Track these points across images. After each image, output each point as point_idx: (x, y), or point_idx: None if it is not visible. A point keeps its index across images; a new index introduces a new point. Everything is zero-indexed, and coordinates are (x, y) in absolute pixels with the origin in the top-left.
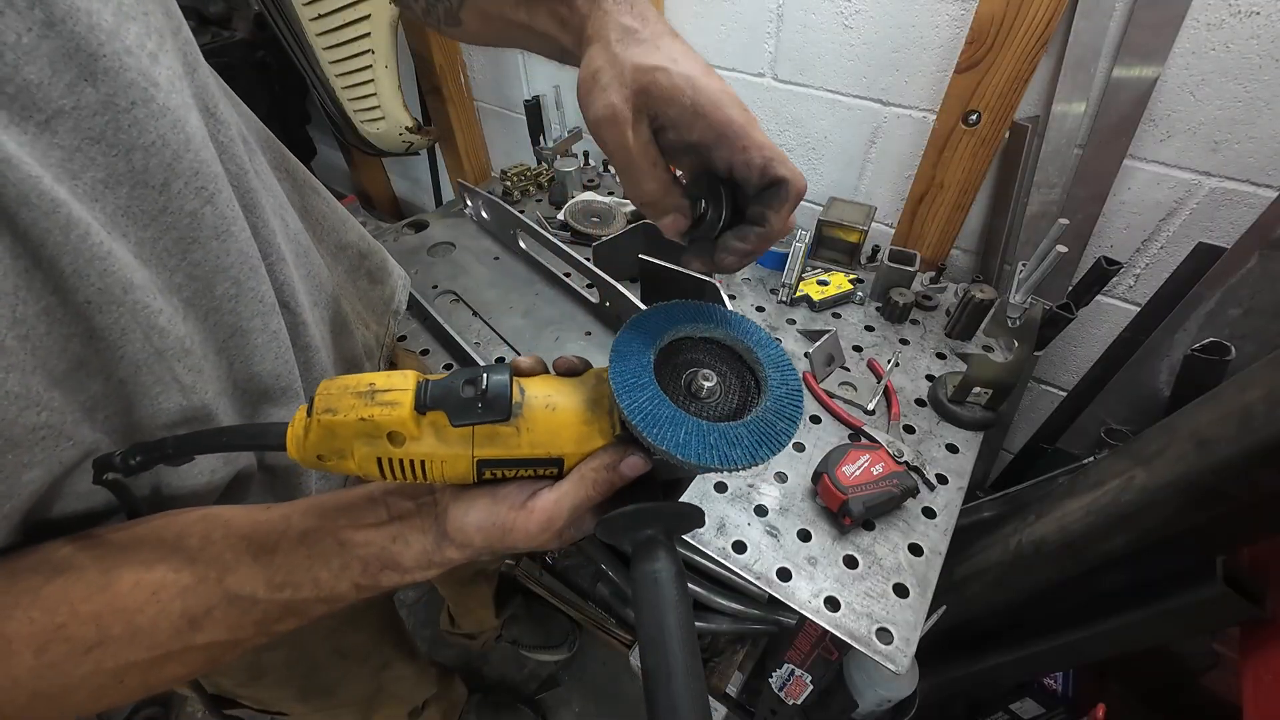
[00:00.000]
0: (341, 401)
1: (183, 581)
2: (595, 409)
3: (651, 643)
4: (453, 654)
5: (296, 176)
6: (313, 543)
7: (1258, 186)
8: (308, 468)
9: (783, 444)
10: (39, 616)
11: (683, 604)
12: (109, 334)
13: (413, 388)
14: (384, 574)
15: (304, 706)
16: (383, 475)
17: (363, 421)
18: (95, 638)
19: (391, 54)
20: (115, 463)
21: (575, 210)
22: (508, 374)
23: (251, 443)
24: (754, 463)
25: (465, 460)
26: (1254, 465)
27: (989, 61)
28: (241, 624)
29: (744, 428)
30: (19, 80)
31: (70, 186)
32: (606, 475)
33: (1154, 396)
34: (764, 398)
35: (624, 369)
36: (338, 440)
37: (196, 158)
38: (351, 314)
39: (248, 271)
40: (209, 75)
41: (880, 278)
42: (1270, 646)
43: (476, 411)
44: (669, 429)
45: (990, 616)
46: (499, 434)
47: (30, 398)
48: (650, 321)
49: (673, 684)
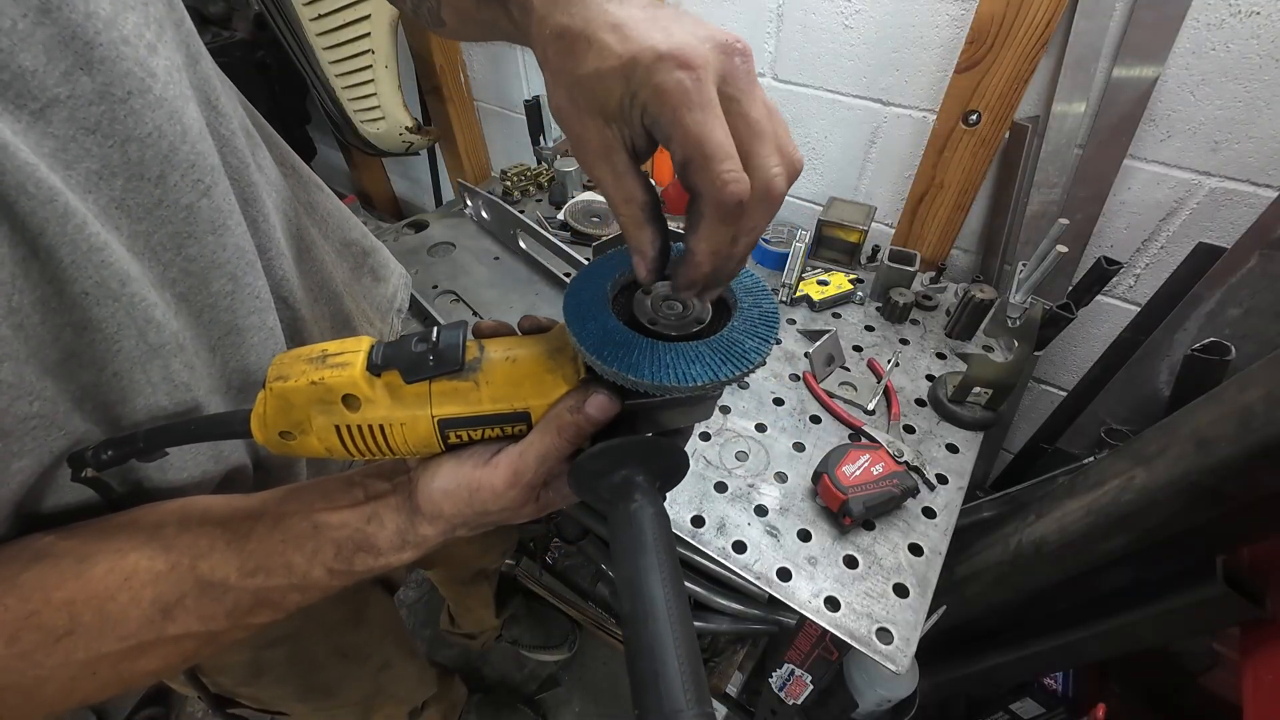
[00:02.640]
0: (293, 368)
1: (156, 568)
2: (558, 356)
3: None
4: (453, 654)
5: (301, 173)
6: (287, 526)
7: (1258, 186)
8: (275, 452)
9: (751, 363)
10: (13, 604)
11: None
12: (105, 327)
13: (365, 349)
14: (358, 557)
15: (304, 706)
16: (346, 449)
17: (314, 385)
18: (66, 626)
19: (391, 54)
20: (88, 458)
21: (575, 210)
22: (461, 329)
23: (219, 431)
24: (717, 380)
25: (425, 421)
26: (1254, 465)
27: (989, 61)
28: (213, 614)
29: (705, 346)
30: (13, 67)
31: (64, 177)
32: (571, 419)
33: (1154, 396)
34: (733, 319)
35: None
36: (294, 411)
37: (194, 150)
38: (355, 311)
39: (244, 267)
40: (212, 68)
41: (880, 278)
42: (1270, 646)
43: (429, 365)
44: (622, 351)
45: (990, 616)
46: (457, 390)
47: (23, 387)
48: (610, 261)
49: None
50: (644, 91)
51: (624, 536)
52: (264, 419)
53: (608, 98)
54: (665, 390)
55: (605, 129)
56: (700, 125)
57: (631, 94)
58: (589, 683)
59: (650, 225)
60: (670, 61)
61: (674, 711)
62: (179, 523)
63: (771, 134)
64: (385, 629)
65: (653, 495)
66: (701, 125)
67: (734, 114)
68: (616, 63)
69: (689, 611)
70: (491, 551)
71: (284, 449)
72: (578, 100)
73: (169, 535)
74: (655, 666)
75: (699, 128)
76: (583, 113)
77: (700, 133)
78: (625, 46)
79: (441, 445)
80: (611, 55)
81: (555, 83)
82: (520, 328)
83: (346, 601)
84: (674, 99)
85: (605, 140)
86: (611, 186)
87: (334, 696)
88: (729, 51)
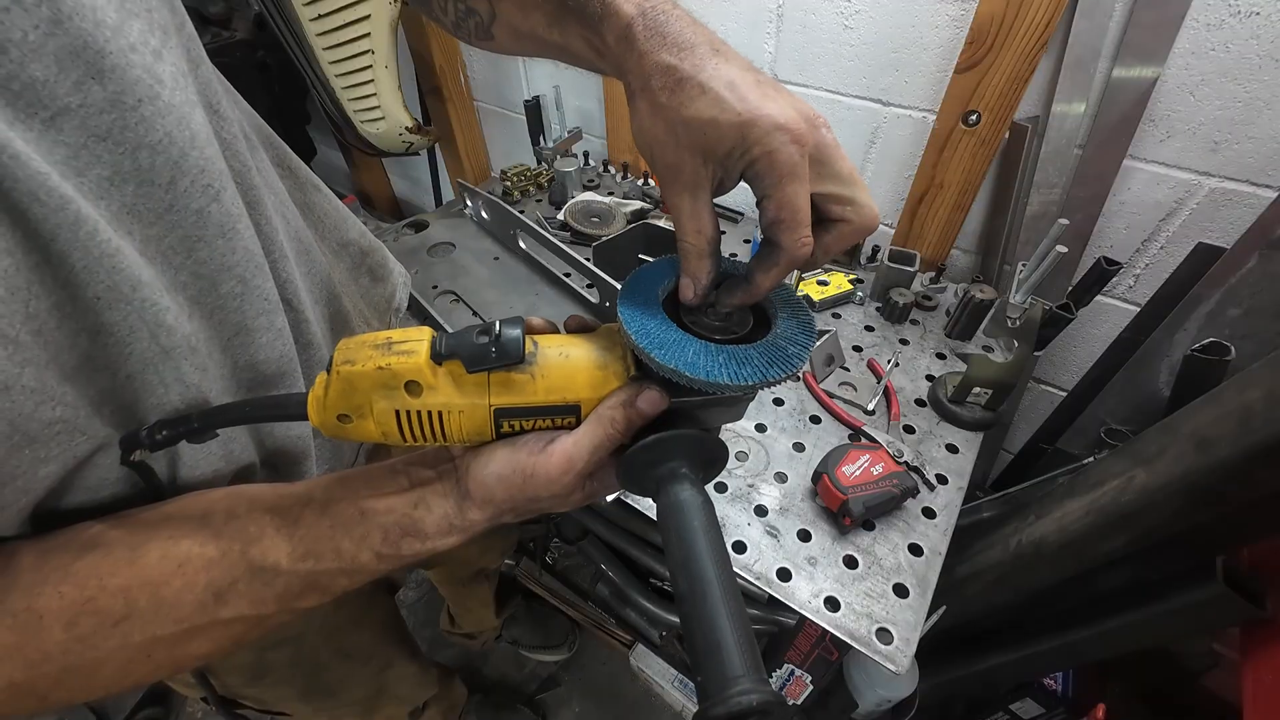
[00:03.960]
0: (360, 353)
1: (208, 554)
2: (609, 355)
3: (681, 565)
4: (453, 654)
5: (298, 174)
6: (335, 513)
7: (1257, 186)
8: (329, 435)
9: (795, 366)
10: (69, 591)
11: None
12: (117, 330)
13: (428, 339)
14: (405, 541)
15: (306, 706)
16: (401, 433)
17: (380, 370)
18: (123, 610)
19: (391, 54)
20: (142, 438)
21: (575, 210)
22: (520, 325)
23: (274, 413)
24: (766, 380)
25: (482, 410)
26: (1253, 465)
27: (989, 62)
28: (264, 598)
29: (754, 349)
30: (24, 77)
31: (76, 184)
32: (624, 413)
33: (1154, 396)
34: (775, 327)
35: (631, 302)
36: (357, 395)
37: (202, 155)
38: (353, 311)
39: (253, 269)
40: (211, 72)
41: (880, 278)
42: (1270, 646)
43: (490, 357)
44: (676, 350)
45: (990, 616)
46: (514, 381)
47: (45, 392)
48: (658, 268)
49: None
50: (758, 150)
51: (675, 522)
52: (324, 402)
53: (717, 144)
54: (717, 388)
55: (701, 167)
56: (796, 196)
57: (744, 150)
58: (589, 683)
59: (710, 259)
60: (785, 134)
61: (734, 678)
62: (227, 510)
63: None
64: (387, 629)
65: (698, 484)
66: (797, 196)
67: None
68: (735, 119)
69: (739, 590)
70: (491, 551)
71: (339, 432)
72: (680, 136)
73: (218, 522)
74: (714, 638)
75: (795, 198)
76: (683, 148)
77: (795, 203)
78: (744, 106)
79: (493, 434)
80: (730, 110)
81: (655, 115)
82: (566, 327)
83: (349, 603)
84: (784, 169)
85: (698, 176)
86: (688, 215)
87: (336, 697)
88: (818, 125)
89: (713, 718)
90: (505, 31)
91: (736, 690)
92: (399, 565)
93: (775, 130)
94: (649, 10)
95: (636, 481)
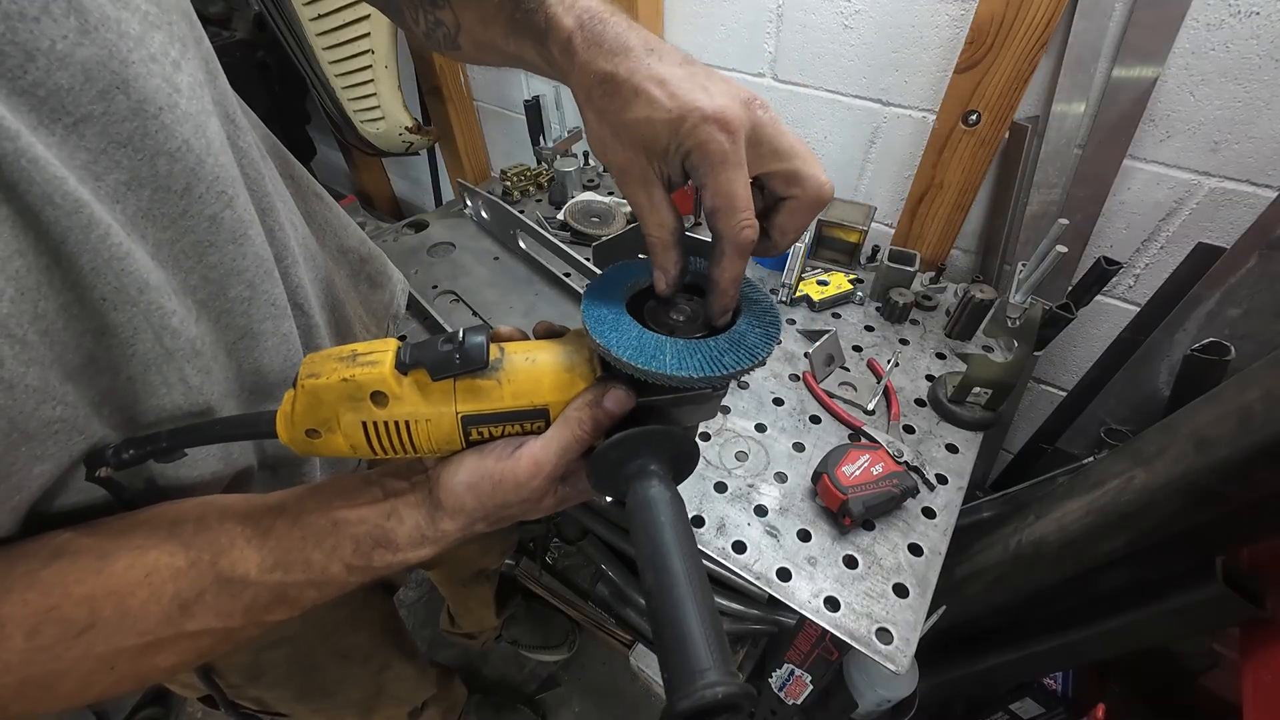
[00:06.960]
0: (324, 366)
1: (176, 564)
2: (576, 357)
3: (649, 560)
4: (453, 654)
5: (300, 182)
6: (307, 523)
7: (1257, 186)
8: (299, 452)
9: (760, 355)
10: (33, 599)
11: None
12: (121, 331)
13: (393, 349)
14: (376, 552)
15: (304, 707)
16: (370, 446)
17: (345, 382)
18: (87, 620)
19: (391, 54)
20: (107, 457)
21: (575, 210)
22: (485, 331)
23: (242, 431)
24: (731, 370)
25: (449, 417)
26: (1253, 465)
27: (989, 61)
28: (231, 610)
29: (716, 342)
30: (50, 84)
31: (94, 188)
32: (590, 413)
33: (1154, 396)
34: (739, 319)
35: (595, 302)
36: (323, 408)
37: (217, 163)
38: (354, 317)
39: (262, 275)
40: (227, 83)
41: (880, 278)
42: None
43: (455, 363)
44: (637, 346)
45: (990, 616)
46: (480, 387)
47: (48, 392)
48: (621, 271)
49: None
50: (689, 143)
51: (643, 517)
52: (291, 417)
53: (654, 142)
54: (680, 382)
55: (647, 165)
56: (731, 183)
57: (678, 144)
58: (589, 683)
59: (676, 248)
60: (714, 124)
61: (700, 670)
62: (198, 520)
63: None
64: (385, 630)
65: (668, 480)
66: (732, 183)
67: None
68: (666, 115)
69: (708, 583)
70: (491, 552)
71: (308, 448)
72: (623, 138)
73: (188, 532)
74: (680, 632)
75: (730, 185)
76: (627, 149)
77: (730, 189)
78: (675, 103)
79: (463, 442)
80: (661, 108)
81: (600, 121)
82: (534, 333)
83: (346, 603)
84: (715, 157)
85: (646, 174)
86: (647, 211)
87: (334, 697)
88: (754, 106)
89: (680, 712)
90: (469, 42)
91: (703, 683)
92: (370, 578)
93: (703, 122)
94: (587, 21)
95: (607, 481)
